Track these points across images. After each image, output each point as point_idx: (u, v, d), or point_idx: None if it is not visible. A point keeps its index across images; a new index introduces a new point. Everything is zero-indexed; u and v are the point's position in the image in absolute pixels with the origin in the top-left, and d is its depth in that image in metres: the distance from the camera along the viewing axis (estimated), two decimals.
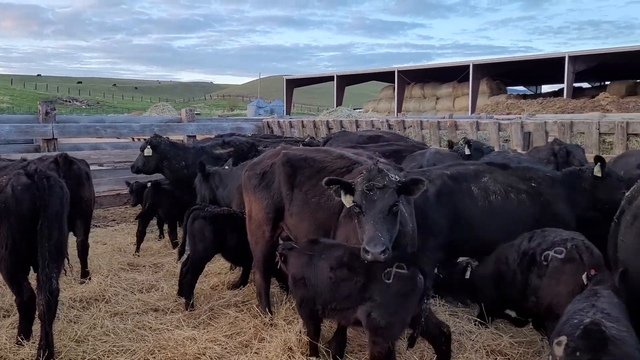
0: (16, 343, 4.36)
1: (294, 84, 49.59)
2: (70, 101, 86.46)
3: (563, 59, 32.47)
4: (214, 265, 6.48)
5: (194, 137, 12.42)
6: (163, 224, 8.35)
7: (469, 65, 36.86)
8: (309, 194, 4.52)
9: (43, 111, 10.91)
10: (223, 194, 7.13)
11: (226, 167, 7.42)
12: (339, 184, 3.86)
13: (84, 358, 4.25)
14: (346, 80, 46.58)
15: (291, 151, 4.96)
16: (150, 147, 8.04)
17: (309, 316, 4.10)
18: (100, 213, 9.96)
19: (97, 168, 10.80)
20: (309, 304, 4.03)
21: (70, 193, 5.69)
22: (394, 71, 41.82)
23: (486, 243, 5.00)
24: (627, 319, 3.23)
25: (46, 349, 4.07)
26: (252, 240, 5.12)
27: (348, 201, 3.83)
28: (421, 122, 12.29)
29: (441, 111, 36.28)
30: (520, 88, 50.71)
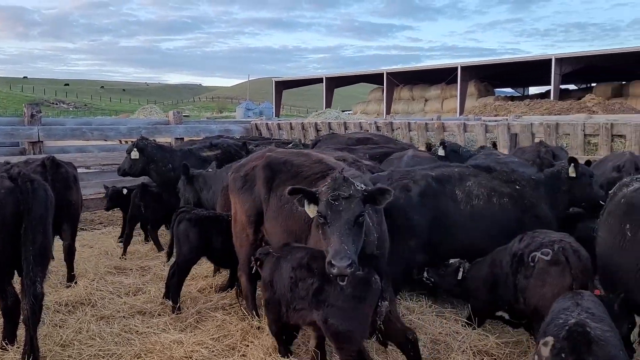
0: (0, 348, 4.32)
1: (283, 86, 49.66)
2: (57, 103, 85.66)
3: (550, 61, 32.87)
4: (201, 268, 6.45)
5: (182, 140, 12.36)
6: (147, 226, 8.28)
7: (457, 68, 37.13)
8: (283, 199, 4.33)
9: (28, 114, 10.79)
10: (207, 197, 7.11)
11: (210, 170, 7.41)
12: (302, 193, 3.67)
13: None
14: (335, 82, 46.72)
15: (274, 154, 4.88)
16: (136, 150, 8.00)
17: (274, 318, 4.07)
18: (86, 216, 9.87)
19: (84, 171, 10.72)
20: (275, 306, 4.01)
21: (58, 196, 5.65)
22: (383, 73, 42.01)
23: (467, 246, 5.05)
24: (609, 317, 3.28)
25: (31, 354, 4.03)
26: (237, 242, 5.07)
27: (312, 211, 3.64)
28: (409, 124, 12.35)
29: (430, 113, 36.46)
30: (508, 90, 51.15)
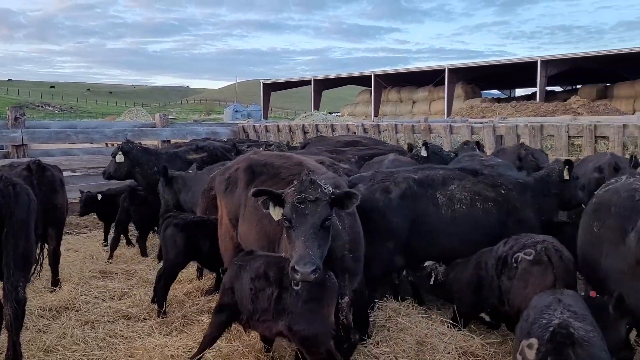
0: None
1: (272, 88, 49.55)
2: (42, 106, 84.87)
3: (536, 63, 33.11)
4: (187, 271, 6.41)
5: (168, 142, 12.30)
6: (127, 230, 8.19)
7: (445, 70, 37.32)
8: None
9: (12, 117, 10.69)
10: (186, 198, 7.06)
11: (190, 172, 7.38)
12: (267, 195, 3.56)
13: None
14: (323, 84, 46.71)
15: (256, 156, 4.83)
16: (122, 153, 7.95)
17: (218, 323, 3.97)
18: (72, 220, 9.74)
19: (69, 174, 10.61)
20: (226, 313, 3.91)
21: (44, 200, 5.61)
22: (371, 75, 42.07)
23: (449, 250, 5.02)
24: (590, 314, 3.32)
25: None
26: (222, 245, 5.03)
27: (277, 214, 3.53)
28: (396, 126, 12.40)
29: (417, 115, 36.56)
30: (495, 92, 51.50)
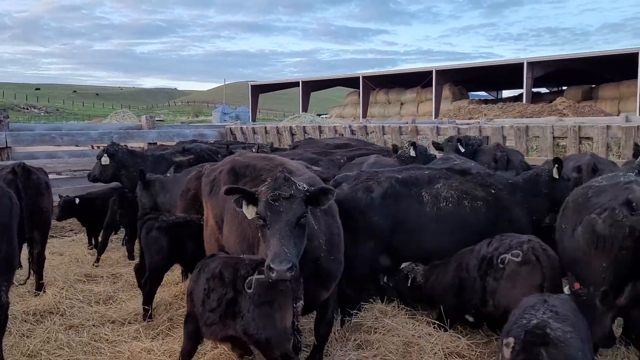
0: None
1: (260, 89, 49.42)
2: (28, 108, 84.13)
3: (522, 64, 33.35)
4: (173, 274, 6.38)
5: (155, 144, 12.23)
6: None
7: (432, 71, 37.48)
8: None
9: None
10: (164, 200, 7.02)
11: (168, 175, 7.35)
12: (240, 193, 3.50)
13: None
14: (312, 86, 46.68)
15: (240, 158, 4.80)
16: (107, 156, 7.91)
17: (189, 334, 3.88)
18: (56, 223, 9.64)
19: (55, 177, 10.50)
20: (194, 320, 3.81)
21: (30, 203, 5.55)
22: (359, 77, 42.13)
23: (435, 250, 5.01)
24: (577, 315, 3.32)
25: None
26: (207, 247, 4.96)
27: (250, 212, 3.47)
28: (383, 127, 12.43)
29: (405, 116, 36.70)
30: (482, 93, 51.80)
